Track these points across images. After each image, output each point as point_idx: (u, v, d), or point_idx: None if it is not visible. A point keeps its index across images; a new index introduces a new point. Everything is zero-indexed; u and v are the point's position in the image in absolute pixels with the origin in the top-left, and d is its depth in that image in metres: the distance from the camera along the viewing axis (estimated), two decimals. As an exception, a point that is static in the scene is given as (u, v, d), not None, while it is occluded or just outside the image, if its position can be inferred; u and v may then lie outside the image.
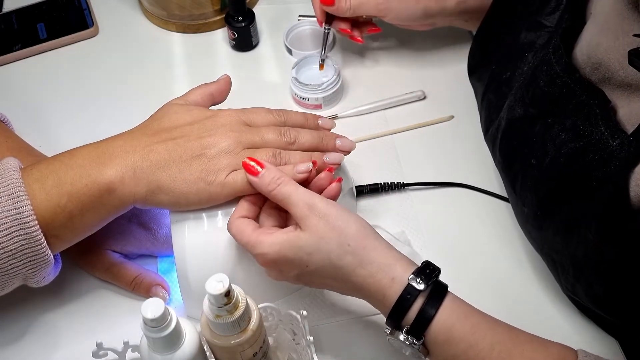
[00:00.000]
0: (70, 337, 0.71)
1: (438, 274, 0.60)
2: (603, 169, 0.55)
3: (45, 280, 0.66)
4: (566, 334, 0.59)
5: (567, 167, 0.59)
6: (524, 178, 0.66)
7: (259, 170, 0.63)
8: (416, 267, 0.60)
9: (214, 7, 1.00)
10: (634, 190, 0.53)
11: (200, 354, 0.59)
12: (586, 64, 0.61)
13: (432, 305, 0.58)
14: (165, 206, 0.66)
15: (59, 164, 0.64)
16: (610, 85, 0.59)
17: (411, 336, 0.58)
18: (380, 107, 0.89)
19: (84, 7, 1.03)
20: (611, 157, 0.55)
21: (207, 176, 0.64)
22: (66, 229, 0.63)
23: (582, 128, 0.59)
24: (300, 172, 0.65)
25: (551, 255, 0.67)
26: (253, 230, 0.62)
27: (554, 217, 0.62)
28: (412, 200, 0.81)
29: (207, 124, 0.67)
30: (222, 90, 0.72)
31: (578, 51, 0.63)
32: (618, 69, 0.58)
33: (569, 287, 0.67)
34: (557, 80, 0.62)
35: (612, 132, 0.56)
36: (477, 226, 0.78)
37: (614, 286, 0.60)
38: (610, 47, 0.58)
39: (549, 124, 0.62)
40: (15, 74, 0.97)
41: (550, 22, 0.68)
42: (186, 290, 0.68)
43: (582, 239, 0.59)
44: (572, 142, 0.59)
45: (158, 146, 0.65)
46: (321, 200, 0.61)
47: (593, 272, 0.61)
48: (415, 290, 0.58)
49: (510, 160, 0.69)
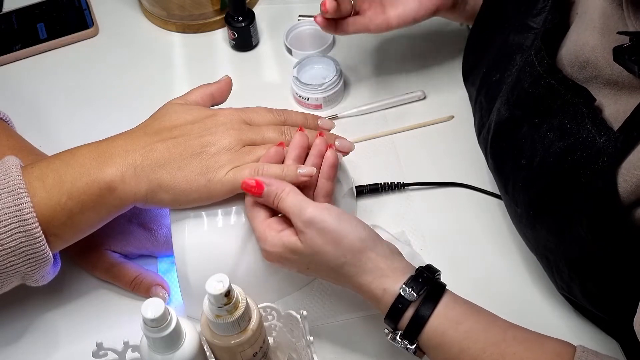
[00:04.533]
0: (70, 337, 0.71)
1: (435, 277, 0.61)
2: (591, 166, 0.56)
3: (44, 280, 0.66)
4: (564, 335, 0.59)
5: (556, 166, 0.60)
6: (515, 179, 0.66)
7: (260, 190, 0.63)
8: (409, 277, 0.60)
9: (214, 7, 1.00)
10: (622, 185, 0.54)
11: (200, 354, 0.59)
12: (573, 63, 0.61)
13: (425, 311, 0.59)
14: (166, 205, 0.66)
15: (60, 162, 0.64)
16: (597, 84, 0.60)
17: (405, 340, 0.60)
18: (380, 107, 0.89)
19: (84, 7, 1.03)
20: (599, 154, 0.56)
21: (207, 173, 0.64)
22: (66, 228, 0.63)
23: (569, 127, 0.59)
24: (303, 174, 0.65)
25: (546, 255, 0.67)
26: (262, 221, 0.63)
27: (546, 216, 0.63)
28: (412, 200, 0.81)
29: (208, 122, 0.67)
30: (223, 91, 0.72)
31: (564, 52, 0.63)
32: (605, 67, 0.58)
33: (564, 286, 0.67)
34: (540, 81, 0.62)
35: (598, 130, 0.57)
36: (476, 226, 0.78)
37: (608, 283, 0.60)
38: (597, 46, 0.59)
39: (536, 124, 0.63)
40: (15, 74, 0.97)
41: (536, 23, 0.68)
42: (186, 290, 0.68)
43: (575, 237, 0.59)
44: (560, 141, 0.60)
45: (158, 145, 0.65)
46: (318, 212, 0.61)
47: (587, 270, 0.61)
48: (406, 301, 0.59)
49: (501, 161, 0.69)
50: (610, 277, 0.59)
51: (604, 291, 0.61)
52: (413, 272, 0.61)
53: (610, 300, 0.62)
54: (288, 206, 0.62)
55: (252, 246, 0.67)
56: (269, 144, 0.67)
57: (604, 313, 0.65)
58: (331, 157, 0.67)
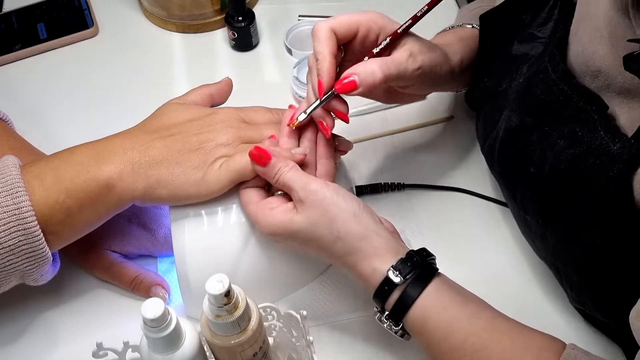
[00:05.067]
0: (69, 337, 0.71)
1: (426, 262, 0.61)
2: (606, 173, 0.55)
3: (43, 279, 0.66)
4: (568, 338, 0.59)
5: (567, 173, 0.59)
6: (524, 186, 0.66)
7: (267, 160, 0.63)
8: (399, 259, 0.60)
9: (214, 7, 1.00)
10: (638, 192, 0.53)
11: (200, 354, 0.59)
12: (585, 72, 0.61)
13: (411, 294, 0.59)
14: (164, 201, 0.65)
15: (58, 161, 0.64)
16: (610, 93, 0.59)
17: (390, 321, 0.60)
18: (380, 107, 0.89)
19: (84, 7, 1.03)
20: (613, 161, 0.55)
21: (204, 165, 0.64)
22: (65, 226, 0.63)
23: (580, 134, 0.59)
24: (297, 153, 0.65)
25: (555, 265, 0.67)
26: (256, 204, 0.64)
27: (557, 224, 0.62)
28: (412, 200, 0.81)
29: (206, 120, 0.67)
30: (223, 92, 0.72)
31: (573, 60, 0.63)
32: (616, 75, 0.58)
33: (574, 296, 0.67)
34: (553, 87, 0.62)
35: (612, 137, 0.56)
36: (476, 228, 0.78)
37: (620, 290, 0.60)
38: (606, 54, 0.58)
39: (545, 132, 0.63)
40: (15, 74, 0.97)
41: (543, 33, 0.69)
42: (186, 290, 0.68)
43: (586, 244, 0.59)
44: (570, 149, 0.59)
45: (156, 142, 0.65)
46: (319, 186, 0.62)
47: (598, 277, 0.61)
48: (392, 283, 0.59)
49: (509, 170, 0.69)
50: (623, 284, 0.59)
51: (616, 299, 0.61)
52: (404, 255, 0.61)
53: (622, 308, 0.61)
54: (290, 178, 0.62)
55: (252, 246, 0.67)
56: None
57: (616, 321, 0.64)
58: (323, 137, 0.66)
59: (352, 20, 0.65)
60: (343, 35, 0.65)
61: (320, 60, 0.63)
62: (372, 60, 0.64)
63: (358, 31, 0.65)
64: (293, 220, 0.62)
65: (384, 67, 0.63)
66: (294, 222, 0.61)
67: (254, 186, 0.65)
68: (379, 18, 0.66)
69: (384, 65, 0.63)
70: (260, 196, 0.65)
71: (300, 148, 0.66)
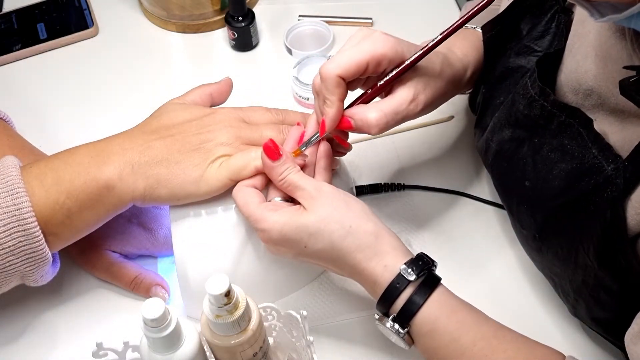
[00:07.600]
0: (69, 337, 0.71)
1: (432, 267, 0.61)
2: (600, 194, 0.55)
3: (43, 280, 0.66)
4: (564, 347, 0.59)
5: (563, 191, 0.59)
6: (520, 201, 0.66)
7: (279, 155, 0.62)
8: (410, 258, 0.60)
9: (214, 7, 1.00)
10: (632, 216, 0.53)
11: (200, 354, 0.59)
12: (577, 90, 0.61)
13: (421, 296, 0.59)
14: (164, 201, 0.65)
15: (58, 162, 0.64)
16: (604, 112, 0.59)
17: (397, 324, 0.59)
18: (380, 107, 0.89)
19: (84, 7, 1.03)
20: (607, 182, 0.55)
21: (204, 163, 0.64)
22: (64, 227, 0.63)
23: (569, 147, 0.59)
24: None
25: (552, 277, 0.67)
26: (258, 204, 0.62)
27: (552, 240, 0.62)
28: (412, 200, 0.81)
29: (206, 120, 0.67)
30: (222, 92, 0.72)
31: (564, 78, 0.63)
32: (609, 96, 0.58)
33: (569, 308, 0.67)
34: (533, 103, 0.62)
35: (606, 157, 0.56)
36: (477, 229, 0.78)
37: (614, 311, 0.59)
38: (600, 74, 0.58)
39: (536, 144, 0.62)
40: (15, 74, 0.97)
41: (540, 46, 0.68)
42: (186, 290, 0.68)
43: (580, 263, 0.59)
44: (562, 163, 0.59)
45: (156, 142, 0.65)
46: (328, 185, 0.63)
47: (592, 297, 0.60)
48: (405, 280, 0.59)
49: (505, 182, 0.69)
50: (615, 303, 0.59)
51: (610, 316, 0.61)
52: (413, 255, 0.61)
53: (615, 326, 0.61)
54: (299, 178, 0.62)
55: (252, 246, 0.67)
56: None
57: (609, 335, 0.64)
58: (324, 148, 0.66)
59: (362, 61, 0.61)
60: (352, 77, 0.63)
61: (328, 105, 0.62)
62: (371, 109, 0.62)
63: (367, 66, 0.62)
64: (303, 214, 0.61)
65: (381, 120, 0.62)
66: (304, 217, 0.60)
67: (250, 186, 0.64)
68: (389, 50, 0.62)
69: (380, 118, 0.62)
70: (260, 197, 0.64)
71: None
